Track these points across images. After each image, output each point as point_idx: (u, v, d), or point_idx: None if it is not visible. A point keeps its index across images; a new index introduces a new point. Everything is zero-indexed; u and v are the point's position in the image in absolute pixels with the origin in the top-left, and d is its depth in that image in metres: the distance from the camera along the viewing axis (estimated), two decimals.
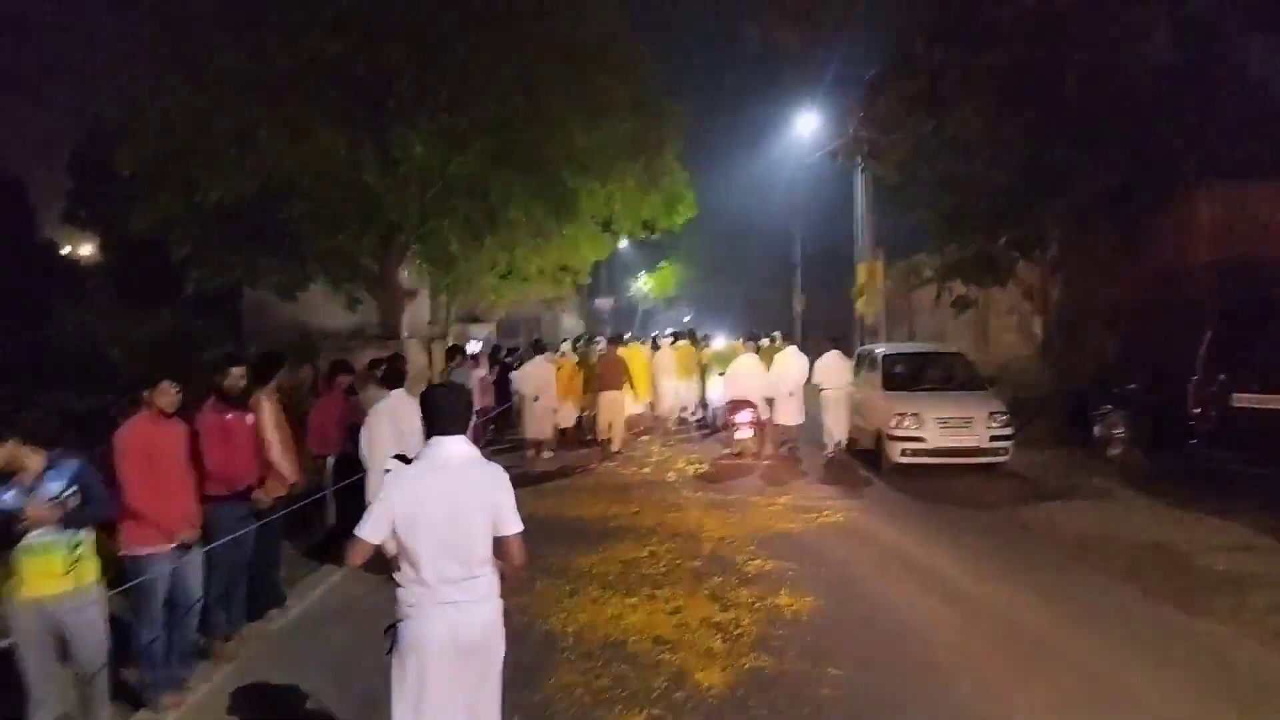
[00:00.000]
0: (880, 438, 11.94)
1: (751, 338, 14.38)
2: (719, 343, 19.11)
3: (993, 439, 11.27)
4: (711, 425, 16.63)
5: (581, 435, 15.44)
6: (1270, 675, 5.23)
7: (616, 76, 15.36)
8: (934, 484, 11.03)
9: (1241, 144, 13.18)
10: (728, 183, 34.14)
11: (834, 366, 13.06)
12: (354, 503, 8.67)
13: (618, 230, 18.69)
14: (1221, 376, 9.06)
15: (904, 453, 11.40)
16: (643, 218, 18.02)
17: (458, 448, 3.38)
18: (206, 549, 5.59)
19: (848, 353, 13.86)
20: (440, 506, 3.26)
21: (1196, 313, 11.08)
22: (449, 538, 3.26)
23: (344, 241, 14.91)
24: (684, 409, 17.17)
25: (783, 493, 10.56)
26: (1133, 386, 11.64)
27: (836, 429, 12.94)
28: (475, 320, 26.45)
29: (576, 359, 15.75)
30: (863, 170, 19.27)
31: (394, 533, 3.28)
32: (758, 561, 7.54)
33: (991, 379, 12.68)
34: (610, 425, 14.02)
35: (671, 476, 12.01)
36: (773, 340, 16.39)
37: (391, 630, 3.35)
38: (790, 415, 13.08)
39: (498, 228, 15.83)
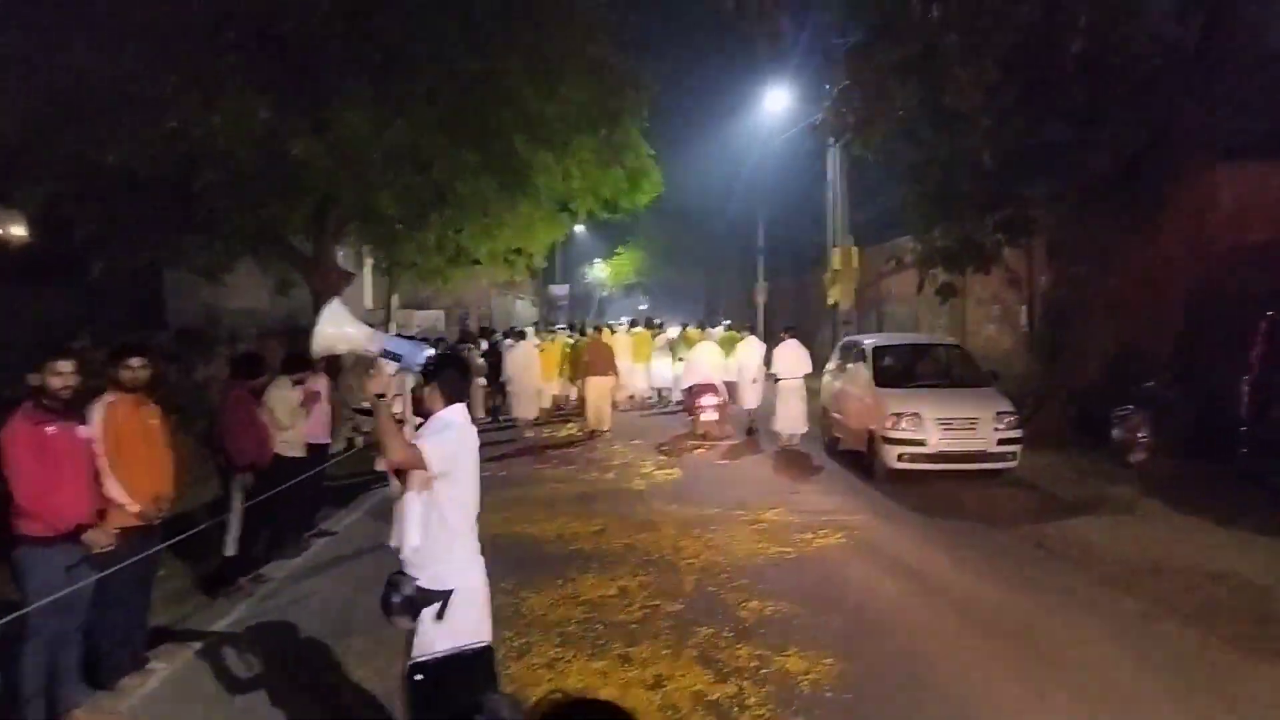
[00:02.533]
0: (873, 440, 10.63)
1: (703, 325, 16.19)
2: (674, 330, 20.49)
3: (1000, 442, 10.02)
4: (666, 406, 18.24)
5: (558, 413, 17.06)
6: None
7: (575, 37, 13.83)
8: (935, 493, 9.76)
9: (1257, 120, 12.11)
10: (690, 166, 32.61)
11: (791, 356, 13.07)
12: (261, 525, 7.16)
13: (575, 210, 17.15)
14: None
15: (901, 458, 10.10)
16: (603, 196, 16.49)
17: (464, 414, 3.60)
18: (16, 614, 4.05)
19: (804, 342, 13.97)
20: (471, 464, 3.57)
21: (1224, 303, 9.97)
22: (475, 495, 3.59)
23: (269, 216, 13.21)
24: (632, 395, 18.63)
25: (766, 506, 9.18)
26: (1151, 384, 10.48)
27: (792, 420, 12.83)
28: (421, 307, 24.77)
29: (571, 342, 17.84)
30: (842, 147, 17.95)
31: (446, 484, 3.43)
32: (754, 603, 6.13)
33: (994, 374, 11.42)
34: (599, 409, 14.70)
35: (639, 484, 10.59)
36: (728, 328, 17.70)
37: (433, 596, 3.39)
38: (752, 400, 14.09)
39: (444, 204, 14.26)
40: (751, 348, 14.63)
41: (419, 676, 3.39)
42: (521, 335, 17.21)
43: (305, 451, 8.02)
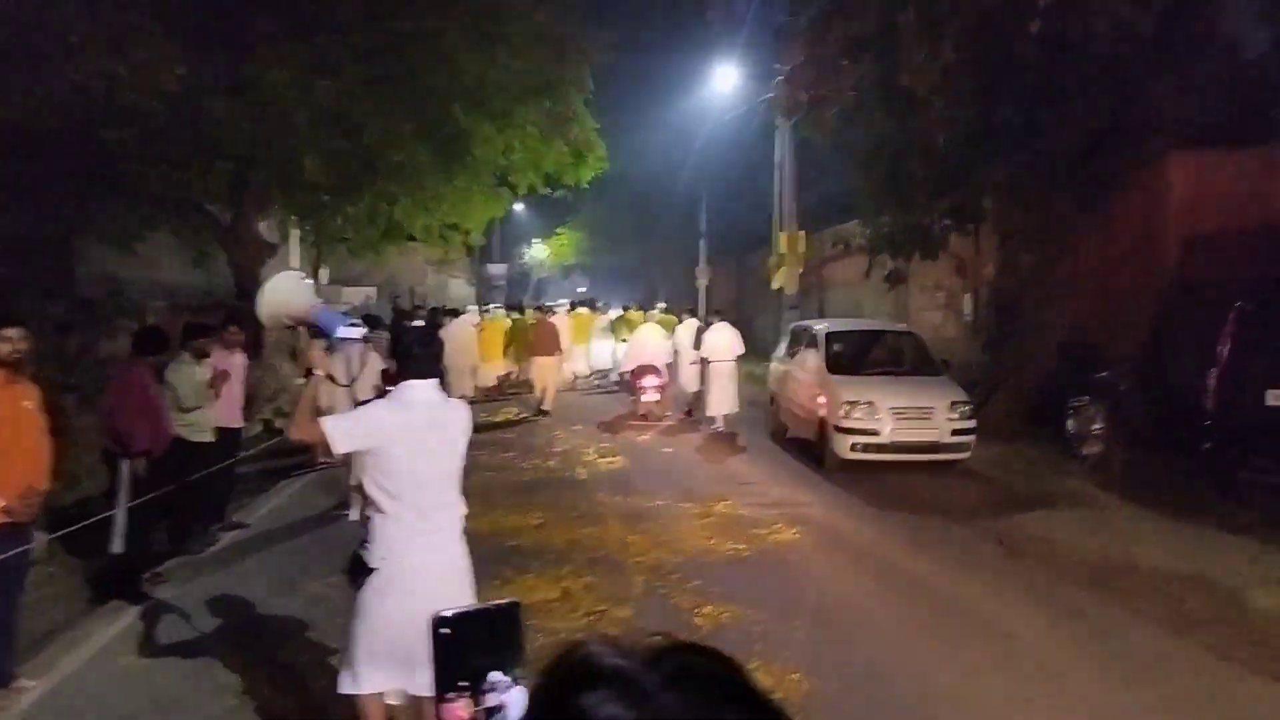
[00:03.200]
0: (824, 429, 10.23)
1: (642, 307, 16.93)
2: (614, 312, 20.79)
3: (954, 433, 9.72)
4: (606, 387, 18.65)
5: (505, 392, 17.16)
6: None
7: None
8: (888, 484, 9.40)
9: (1215, 107, 11.98)
10: (633, 145, 31.92)
11: (721, 339, 12.97)
12: (160, 518, 6.43)
13: (515, 185, 16.43)
14: (1249, 370, 7.62)
15: (854, 447, 9.71)
16: (545, 170, 15.80)
17: (431, 391, 3.40)
18: None
19: (745, 327, 14.54)
20: (417, 443, 3.31)
21: (1182, 292, 9.78)
22: (420, 474, 3.33)
23: (182, 180, 12.27)
24: (575, 376, 18.87)
25: (716, 498, 8.71)
26: (1105, 374, 10.26)
27: (725, 402, 12.70)
28: (352, 283, 23.74)
29: (510, 321, 18.17)
30: (792, 127, 17.54)
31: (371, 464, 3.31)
32: (709, 608, 5.63)
33: (945, 361, 11.12)
34: (544, 389, 14.92)
35: (582, 473, 10.02)
36: (665, 311, 18.00)
37: (362, 570, 3.29)
38: (691, 381, 14.06)
39: (375, 173, 13.44)
40: (690, 330, 14.64)
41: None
42: (456, 313, 17.07)
43: (214, 436, 7.29)
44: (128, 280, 15.81)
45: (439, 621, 3.20)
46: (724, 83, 22.10)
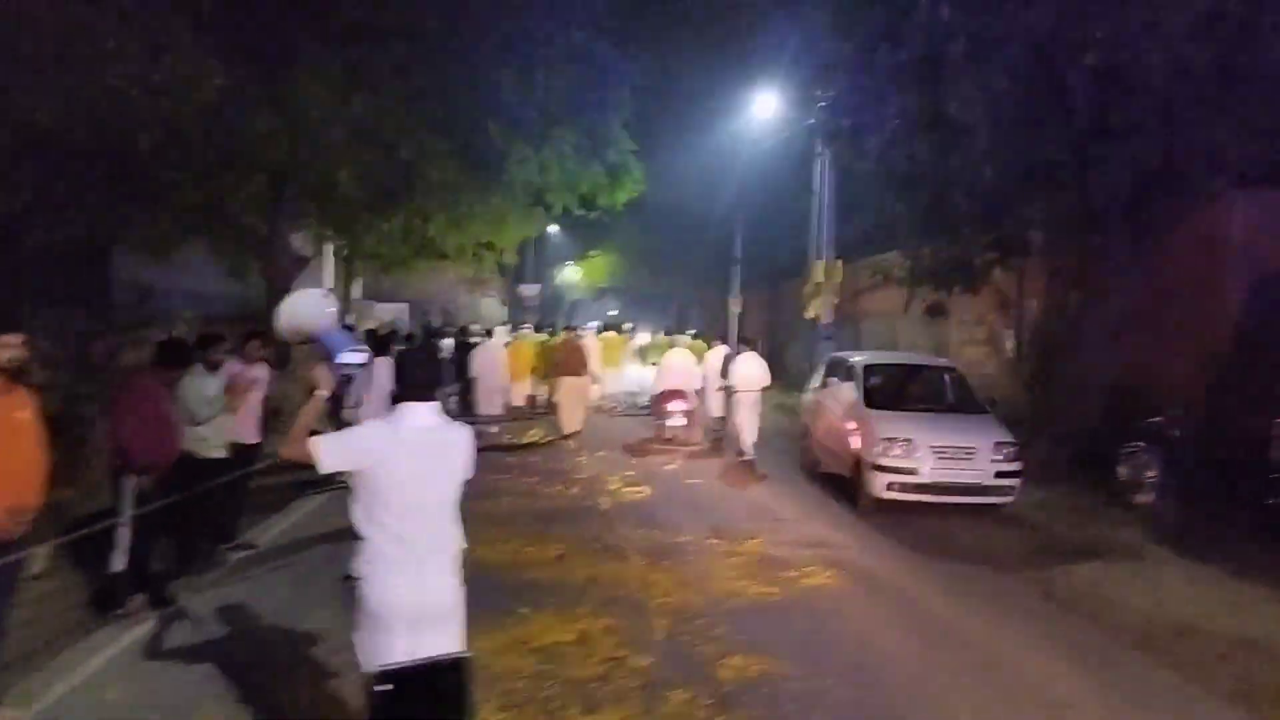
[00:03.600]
0: (859, 466, 9.81)
1: (670, 333, 16.98)
2: (644, 336, 21.06)
3: (998, 475, 9.26)
4: (634, 410, 18.55)
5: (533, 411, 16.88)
6: None
7: (556, 20, 12.95)
8: (925, 527, 8.97)
9: (1274, 148, 11.49)
10: (669, 171, 31.74)
11: (748, 368, 12.61)
12: (165, 536, 6.18)
13: (551, 205, 16.26)
14: None
15: (891, 486, 9.29)
16: (581, 191, 15.62)
17: (428, 415, 3.30)
18: None
19: (778, 357, 13.62)
20: (408, 467, 3.20)
21: (1241, 336, 9.31)
22: (409, 501, 3.21)
23: (217, 189, 12.19)
24: (602, 399, 18.66)
25: (745, 535, 8.33)
26: (1158, 420, 9.78)
27: (748, 432, 12.24)
28: (384, 299, 23.69)
29: (541, 340, 17.72)
30: (832, 155, 17.22)
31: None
32: (736, 659, 5.25)
33: (992, 400, 10.67)
34: (571, 411, 14.56)
35: (605, 503, 9.68)
36: (695, 337, 17.91)
37: (352, 583, 3.22)
38: (719, 408, 13.87)
39: (411, 190, 13.32)
40: (718, 357, 14.46)
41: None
42: (489, 334, 17.09)
43: (228, 451, 7.05)
44: (165, 290, 15.80)
45: (380, 677, 3.05)
46: (762, 110, 21.82)
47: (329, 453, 3.12)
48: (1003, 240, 13.70)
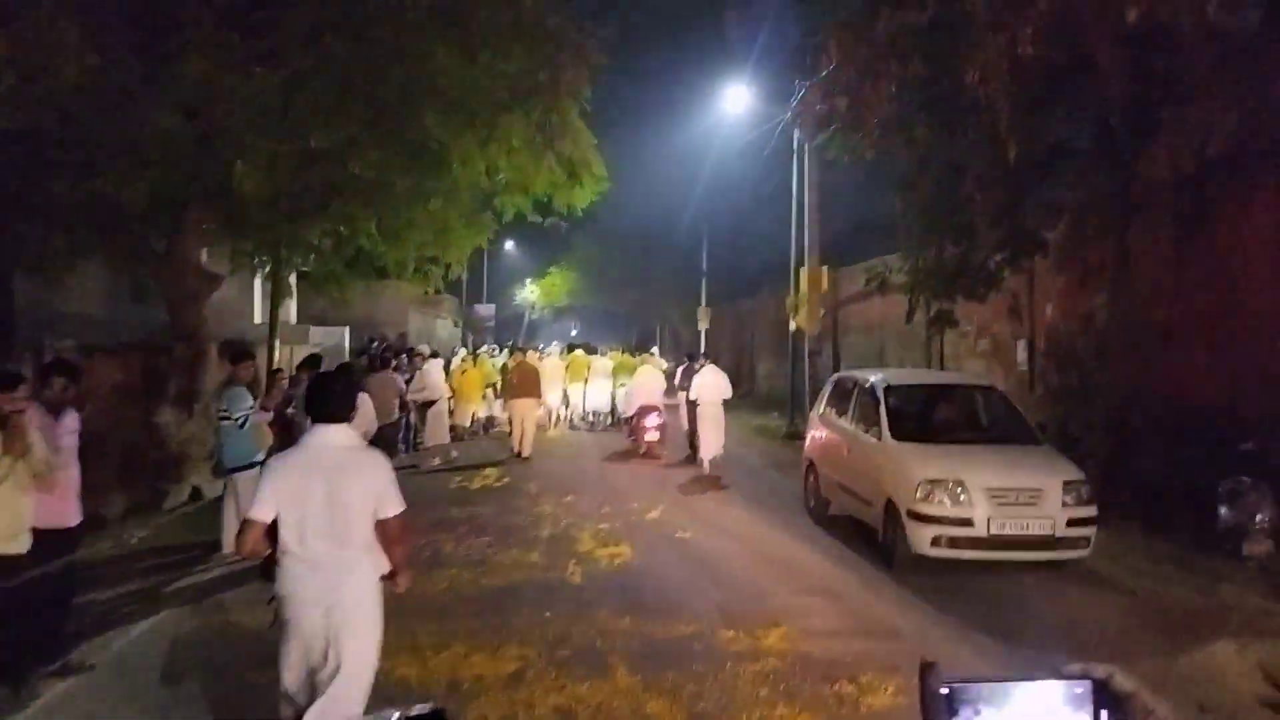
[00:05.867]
0: (892, 513, 7.82)
1: (632, 352, 17.78)
2: (607, 363, 20.53)
3: (1070, 523, 7.33)
4: (602, 426, 19.13)
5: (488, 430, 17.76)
6: None
7: None
8: (987, 594, 7.03)
9: None
10: (630, 179, 29.68)
11: (710, 382, 13.29)
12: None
13: (502, 210, 14.17)
14: None
15: (937, 541, 7.31)
16: (535, 193, 13.53)
17: (336, 436, 3.55)
18: None
19: (750, 372, 14.15)
20: (317, 491, 3.42)
21: None
22: (310, 520, 3.43)
23: (98, 192, 9.96)
24: (566, 416, 19.73)
25: (765, 620, 6.23)
26: (1249, 446, 7.95)
27: (711, 445, 12.92)
28: (321, 322, 21.31)
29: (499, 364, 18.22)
30: (817, 149, 15.36)
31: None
32: None
33: (1042, 426, 8.77)
34: (522, 433, 14.72)
35: (575, 574, 7.52)
36: (650, 354, 19.29)
37: (275, 602, 3.49)
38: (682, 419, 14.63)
39: (333, 189, 11.18)
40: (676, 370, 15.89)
41: None
42: (435, 356, 16.58)
43: (26, 545, 4.87)
44: (51, 317, 13.42)
45: None
46: (733, 106, 19.83)
47: (257, 504, 3.41)
48: (1013, 238, 11.92)
